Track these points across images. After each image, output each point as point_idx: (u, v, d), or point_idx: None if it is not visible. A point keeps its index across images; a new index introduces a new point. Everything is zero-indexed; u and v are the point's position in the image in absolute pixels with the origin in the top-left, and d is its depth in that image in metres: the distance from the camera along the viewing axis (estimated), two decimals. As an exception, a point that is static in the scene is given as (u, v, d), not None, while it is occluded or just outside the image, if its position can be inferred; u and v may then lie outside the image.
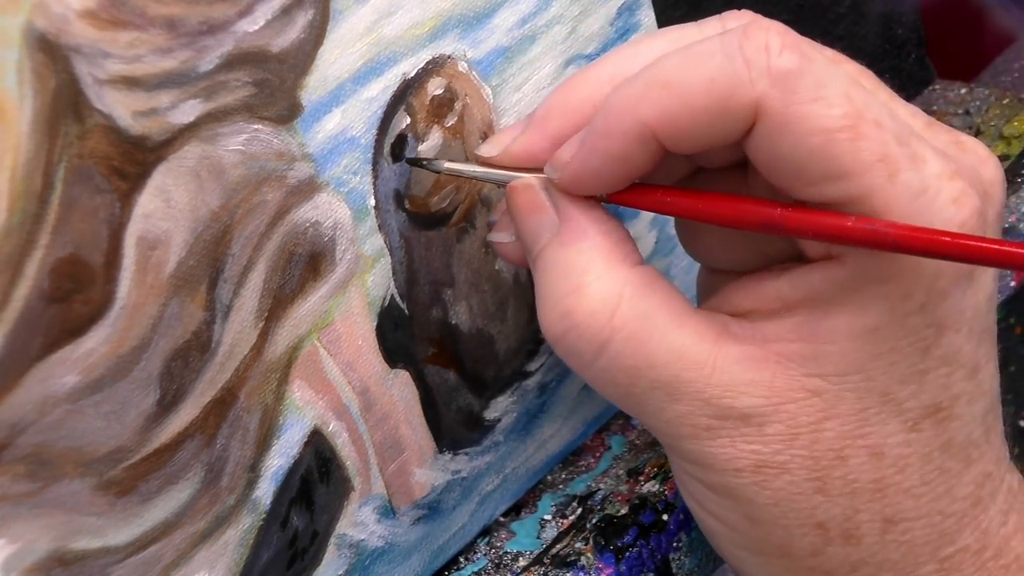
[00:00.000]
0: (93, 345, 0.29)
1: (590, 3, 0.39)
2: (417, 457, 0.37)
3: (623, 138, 0.32)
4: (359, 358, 0.35)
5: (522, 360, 0.40)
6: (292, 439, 0.34)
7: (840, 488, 0.33)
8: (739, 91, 0.30)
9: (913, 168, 0.31)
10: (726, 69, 0.31)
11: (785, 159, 0.31)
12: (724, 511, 0.34)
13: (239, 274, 0.32)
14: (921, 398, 0.33)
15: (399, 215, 0.35)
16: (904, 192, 0.31)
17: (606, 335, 0.33)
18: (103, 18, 0.28)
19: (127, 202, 0.29)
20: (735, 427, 0.33)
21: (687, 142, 0.32)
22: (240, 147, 0.31)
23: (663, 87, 0.31)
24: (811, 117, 0.30)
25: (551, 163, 0.34)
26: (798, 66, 0.30)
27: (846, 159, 0.30)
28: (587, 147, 0.33)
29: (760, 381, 0.33)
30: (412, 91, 0.35)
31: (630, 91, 0.32)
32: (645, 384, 0.33)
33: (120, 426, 0.30)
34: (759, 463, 0.33)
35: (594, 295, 0.33)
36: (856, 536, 0.34)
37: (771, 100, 0.30)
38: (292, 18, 0.31)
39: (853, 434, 0.33)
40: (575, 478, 0.42)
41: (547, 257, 0.34)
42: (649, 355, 0.33)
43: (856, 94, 0.31)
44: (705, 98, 0.31)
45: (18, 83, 0.27)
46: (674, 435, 0.34)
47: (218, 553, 0.33)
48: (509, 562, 0.39)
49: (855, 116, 0.30)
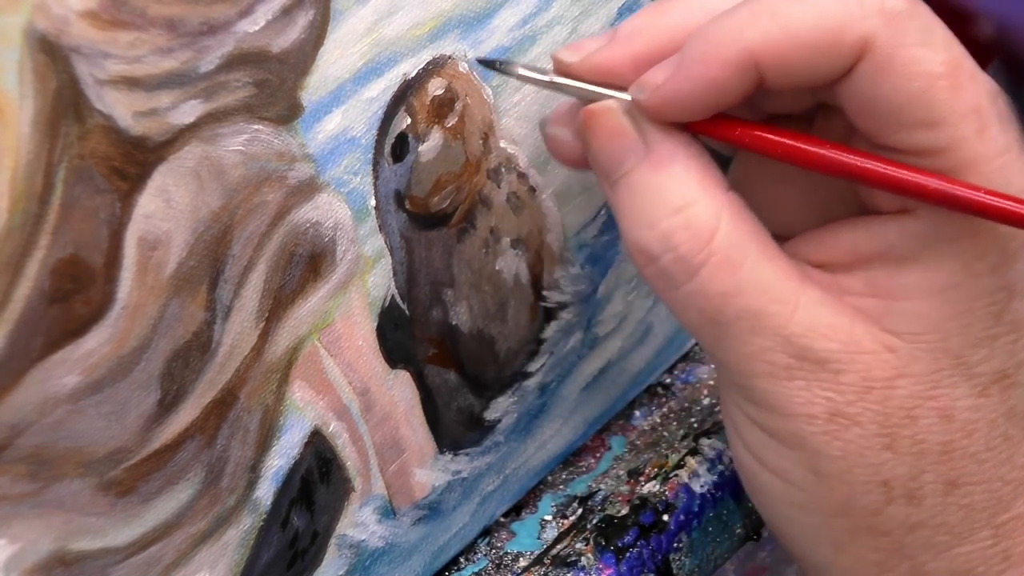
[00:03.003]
0: (93, 345, 0.29)
1: (590, 3, 0.39)
2: (417, 457, 0.37)
3: (723, 64, 0.31)
4: (359, 358, 0.35)
5: (523, 360, 0.40)
6: (292, 439, 0.34)
7: (908, 447, 0.33)
8: (849, 26, 0.31)
9: (1000, 126, 0.31)
10: (839, 4, 0.31)
11: (884, 100, 0.31)
12: (788, 463, 0.34)
13: (239, 274, 0.32)
14: (991, 363, 0.33)
15: (399, 215, 0.35)
16: (991, 148, 0.31)
17: (702, 258, 0.32)
18: (104, 19, 0.28)
19: (127, 202, 0.29)
20: (812, 371, 0.33)
21: (788, 75, 0.32)
22: (241, 147, 0.31)
23: (771, 15, 0.31)
24: (917, 60, 0.30)
25: (639, 84, 0.33)
26: (909, 8, 0.31)
27: (944, 107, 0.30)
28: (683, 70, 0.32)
29: (840, 327, 0.33)
30: (413, 91, 0.35)
31: (735, 17, 0.32)
32: (732, 312, 0.33)
33: (121, 426, 0.30)
34: (833, 411, 0.33)
35: (695, 217, 0.32)
36: (919, 497, 0.34)
37: (880, 39, 0.30)
38: (293, 18, 0.31)
39: (924, 395, 0.33)
40: (575, 478, 0.42)
41: (635, 180, 0.33)
42: (739, 283, 0.33)
43: (955, 45, 0.31)
44: (814, 30, 0.31)
45: (18, 83, 0.27)
46: (749, 372, 0.33)
47: (218, 553, 0.33)
48: (509, 562, 0.39)
49: (956, 65, 0.31)
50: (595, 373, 0.42)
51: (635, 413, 0.44)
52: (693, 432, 0.42)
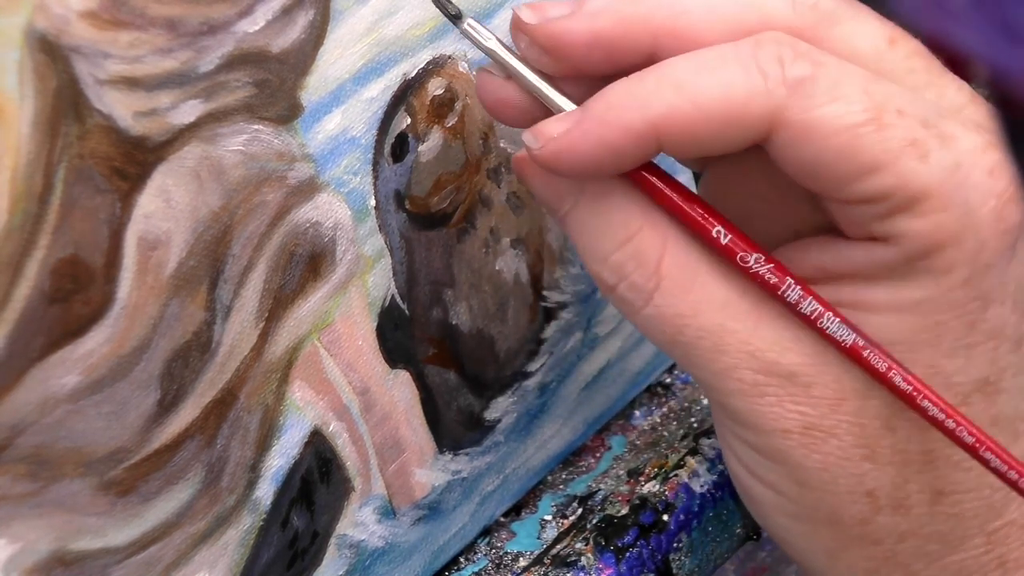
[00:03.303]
0: (93, 345, 0.29)
1: (590, 3, 0.39)
2: (417, 457, 0.37)
3: (623, 131, 0.31)
4: (359, 358, 0.35)
5: (522, 360, 0.40)
6: (292, 439, 0.34)
7: (889, 457, 0.33)
8: (755, 100, 0.30)
9: (944, 147, 0.31)
10: (742, 77, 0.30)
11: (813, 163, 0.31)
12: (774, 476, 0.34)
13: (239, 274, 0.32)
14: (969, 372, 0.33)
15: (399, 215, 0.35)
16: (938, 171, 0.30)
17: (654, 283, 0.33)
18: (104, 19, 0.28)
19: (127, 202, 0.29)
20: (782, 385, 0.33)
21: (690, 146, 0.31)
22: (240, 147, 0.31)
23: (676, 88, 0.31)
24: (831, 117, 0.30)
25: (531, 132, 0.32)
26: (812, 72, 0.30)
27: (875, 149, 0.30)
28: (580, 130, 0.31)
29: (806, 339, 0.33)
30: (412, 91, 0.35)
31: (638, 87, 0.31)
32: (691, 332, 0.33)
33: (120, 426, 0.30)
34: (807, 425, 0.33)
35: (640, 244, 0.33)
36: (906, 506, 0.33)
37: (789, 109, 0.30)
38: (292, 18, 0.31)
39: (899, 405, 0.33)
40: (575, 478, 0.42)
41: (579, 217, 0.33)
42: (694, 303, 0.33)
43: (874, 87, 0.31)
44: (720, 103, 0.30)
45: (18, 83, 0.27)
46: (722, 390, 0.33)
47: (218, 553, 0.33)
48: (509, 562, 0.39)
49: (876, 108, 0.30)
50: (595, 373, 0.42)
51: (635, 413, 0.44)
52: (693, 432, 0.42)
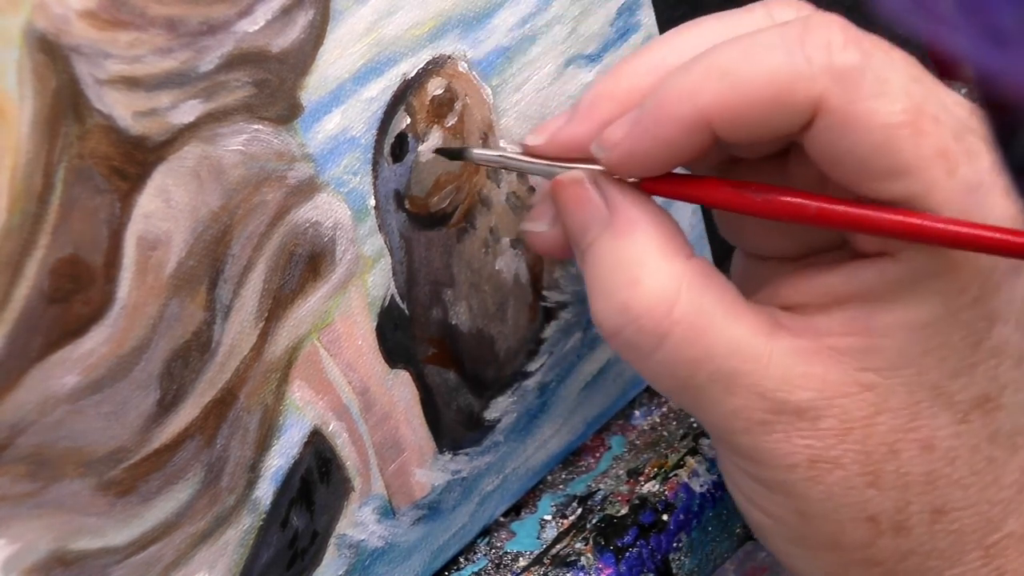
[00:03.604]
0: (93, 345, 0.29)
1: (590, 3, 0.39)
2: (417, 457, 0.37)
3: (677, 124, 0.32)
4: (359, 358, 0.35)
5: (522, 360, 0.40)
6: (292, 439, 0.34)
7: (892, 482, 0.33)
8: (800, 86, 0.30)
9: (969, 163, 0.31)
10: (787, 63, 0.30)
11: (847, 155, 0.31)
12: (775, 507, 0.34)
13: (239, 274, 0.32)
14: (971, 390, 0.33)
15: (399, 215, 0.35)
16: (961, 187, 0.31)
17: (665, 328, 0.32)
18: (103, 18, 0.28)
19: (127, 202, 0.29)
20: (790, 421, 0.33)
21: (742, 133, 0.32)
22: (240, 147, 0.31)
23: (722, 76, 0.31)
24: (873, 113, 0.30)
25: (598, 142, 0.33)
26: (859, 62, 0.30)
27: (908, 155, 0.30)
28: (639, 129, 0.32)
29: (814, 375, 0.33)
30: (412, 91, 0.35)
31: (687, 78, 0.32)
32: (703, 377, 0.33)
33: (120, 426, 0.30)
34: (813, 458, 0.33)
35: (652, 288, 0.32)
36: (906, 528, 0.34)
37: (832, 97, 0.30)
38: (292, 18, 0.31)
39: (905, 428, 0.33)
40: (575, 478, 0.42)
41: (599, 250, 0.33)
42: (708, 348, 0.33)
43: (915, 89, 0.31)
44: (765, 91, 0.31)
45: (18, 83, 0.27)
46: (729, 429, 0.33)
47: (218, 553, 0.33)
48: (509, 562, 0.39)
49: (915, 111, 0.30)
50: (595, 373, 0.42)
51: (635, 413, 0.44)
52: (693, 432, 0.42)
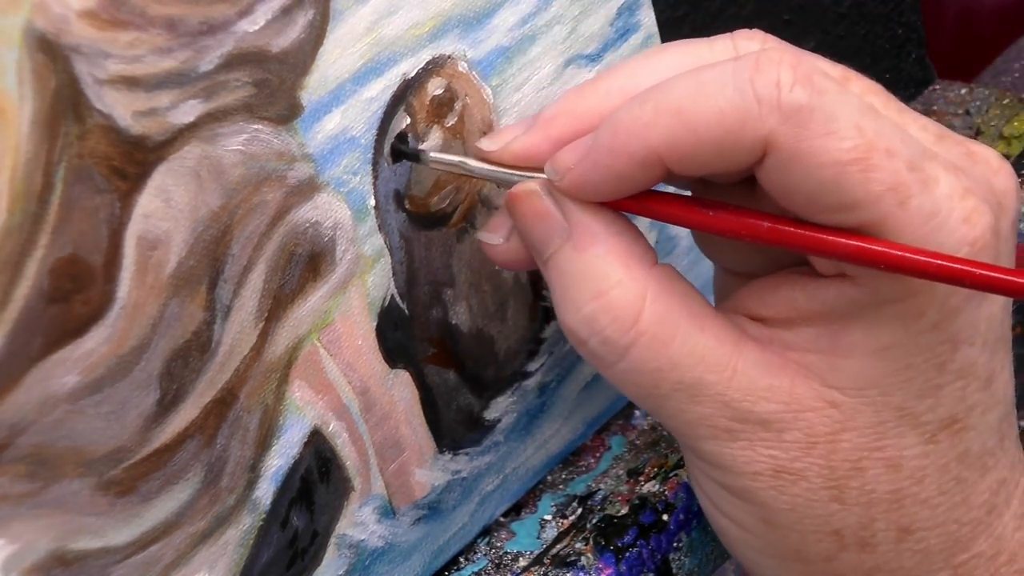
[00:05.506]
0: (93, 345, 0.29)
1: (590, 3, 0.39)
2: (417, 457, 0.37)
3: (629, 159, 0.32)
4: (359, 358, 0.35)
5: (522, 360, 0.40)
6: (292, 439, 0.34)
7: (856, 498, 0.33)
8: (748, 126, 0.30)
9: (924, 192, 0.31)
10: (737, 103, 0.30)
11: (797, 190, 0.31)
12: (741, 514, 0.34)
13: (239, 274, 0.32)
14: (938, 411, 0.33)
15: (399, 215, 0.35)
16: (916, 217, 0.31)
17: (630, 339, 0.33)
18: (103, 18, 0.28)
19: (127, 202, 0.29)
20: (754, 431, 0.33)
21: (693, 169, 0.32)
22: (240, 147, 0.31)
23: (673, 114, 0.31)
24: (822, 151, 0.30)
25: (551, 164, 0.33)
26: (807, 101, 0.30)
27: (857, 190, 0.30)
28: (590, 160, 0.32)
29: (779, 387, 0.33)
30: (412, 91, 0.35)
31: (638, 114, 0.32)
32: (667, 386, 0.33)
33: (120, 426, 0.30)
34: (777, 468, 0.33)
35: (616, 300, 0.33)
36: (871, 544, 0.34)
37: (781, 136, 0.30)
38: (292, 18, 0.31)
39: (870, 446, 0.33)
40: (575, 478, 0.42)
41: (561, 263, 0.34)
42: (672, 357, 0.33)
43: (867, 123, 0.30)
44: (714, 130, 0.31)
45: (18, 83, 0.27)
46: (694, 436, 0.34)
47: (218, 553, 0.33)
48: (509, 562, 0.39)
49: (866, 148, 0.30)
50: (595, 373, 0.42)
51: (635, 413, 0.44)
52: (693, 432, 0.42)
